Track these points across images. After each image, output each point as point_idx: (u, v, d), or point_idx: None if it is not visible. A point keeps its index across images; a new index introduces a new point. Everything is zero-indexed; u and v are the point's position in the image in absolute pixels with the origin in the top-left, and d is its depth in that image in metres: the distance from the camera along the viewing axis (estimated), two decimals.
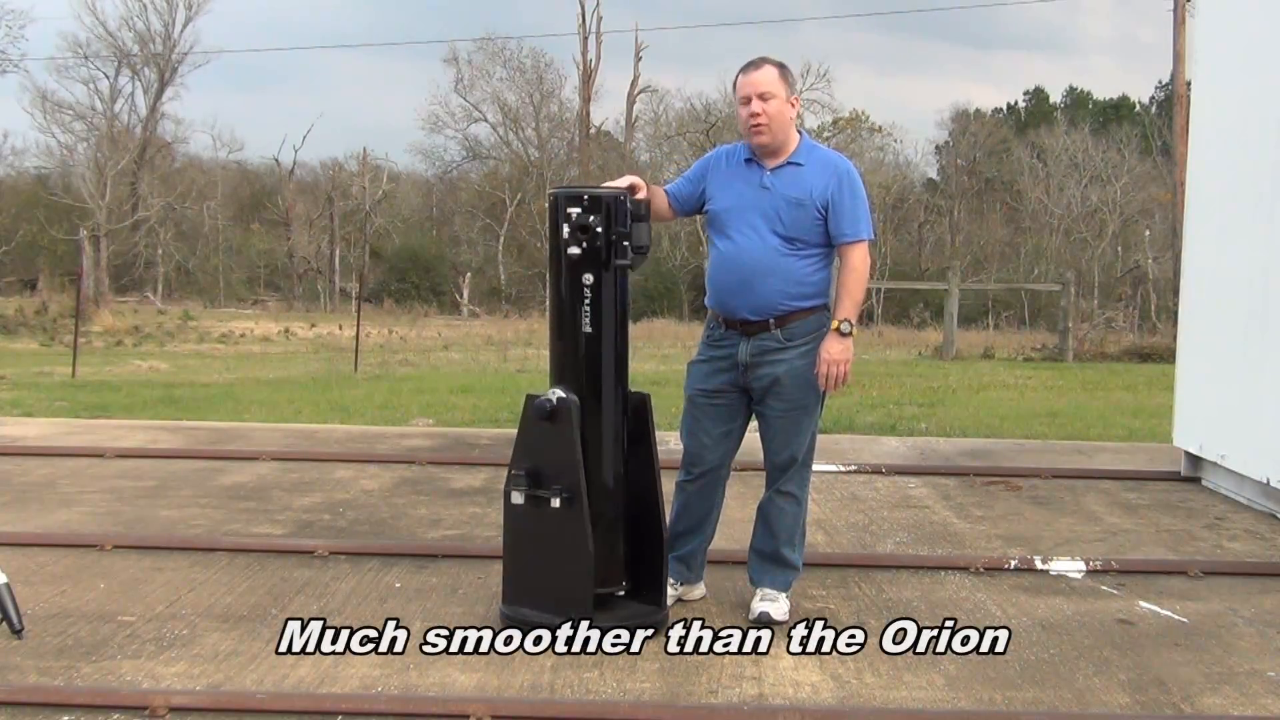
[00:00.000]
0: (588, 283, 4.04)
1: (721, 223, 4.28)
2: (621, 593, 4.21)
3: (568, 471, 4.02)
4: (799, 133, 4.32)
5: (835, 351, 4.17)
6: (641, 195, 4.16)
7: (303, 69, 76.77)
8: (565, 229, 4.03)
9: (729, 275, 4.24)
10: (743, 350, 4.25)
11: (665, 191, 4.42)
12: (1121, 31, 73.16)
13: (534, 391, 4.23)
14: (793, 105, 4.24)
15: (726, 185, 4.30)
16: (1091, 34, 72.41)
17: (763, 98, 4.16)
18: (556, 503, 4.02)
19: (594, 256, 4.03)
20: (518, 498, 4.10)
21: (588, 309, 4.05)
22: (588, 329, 4.06)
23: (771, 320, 4.22)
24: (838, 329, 4.17)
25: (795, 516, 4.39)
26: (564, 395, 4.06)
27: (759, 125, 4.18)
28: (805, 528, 4.49)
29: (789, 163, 4.24)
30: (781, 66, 4.24)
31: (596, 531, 4.04)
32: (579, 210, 4.01)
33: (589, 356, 4.09)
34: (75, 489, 6.37)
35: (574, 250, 4.02)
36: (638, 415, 4.23)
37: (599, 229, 4.02)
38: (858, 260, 4.22)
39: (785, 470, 4.35)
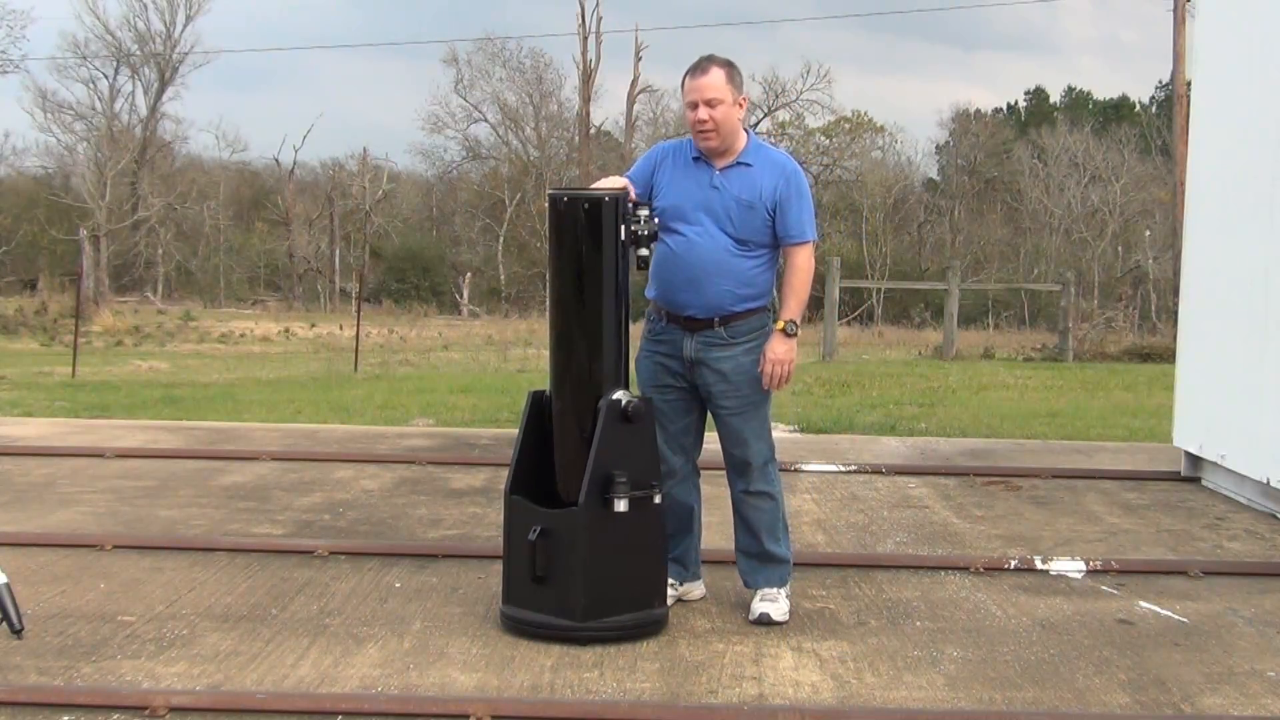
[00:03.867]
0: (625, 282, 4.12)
1: (670, 220, 4.26)
2: None
3: (654, 467, 4.11)
4: (746, 132, 4.33)
5: (780, 351, 4.21)
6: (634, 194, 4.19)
7: (303, 69, 76.81)
8: (624, 230, 4.04)
9: (678, 273, 4.25)
10: (687, 346, 4.28)
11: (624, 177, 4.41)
12: (1105, 32, 73.59)
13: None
14: (740, 106, 4.24)
15: (674, 183, 4.29)
16: (1075, 35, 72.94)
17: (710, 104, 4.17)
18: (658, 499, 4.10)
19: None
20: (623, 505, 4.02)
21: (627, 310, 4.13)
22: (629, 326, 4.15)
23: (716, 319, 4.24)
24: (783, 329, 4.20)
25: (773, 512, 4.39)
26: (630, 395, 4.10)
27: (706, 132, 4.19)
28: (786, 519, 4.47)
29: (738, 163, 4.26)
30: (729, 67, 4.23)
31: None
32: (647, 213, 4.09)
33: (628, 354, 4.17)
34: (75, 489, 6.37)
35: (644, 252, 4.09)
36: None
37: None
38: (803, 261, 4.26)
39: (745, 467, 4.34)
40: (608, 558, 4.04)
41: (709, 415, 4.44)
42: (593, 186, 4.20)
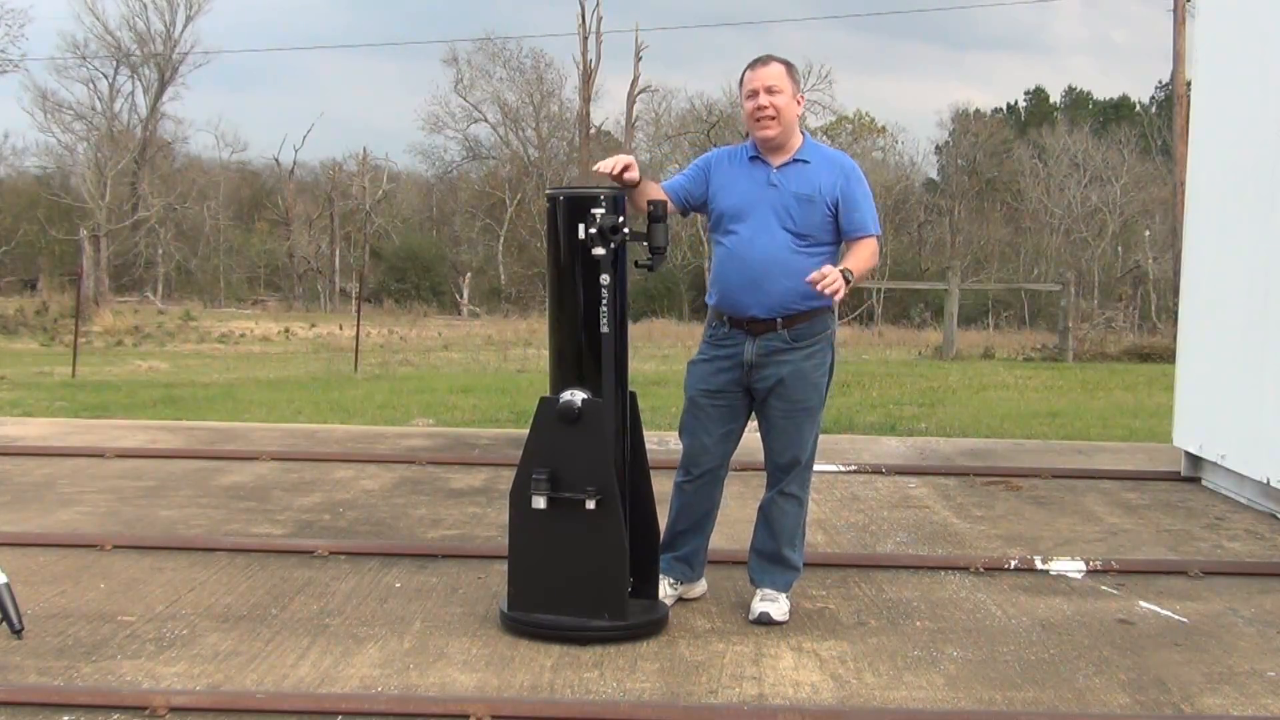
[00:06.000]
0: (605, 283, 4.01)
1: (729, 220, 4.26)
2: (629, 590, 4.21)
3: (599, 472, 4.00)
4: (802, 133, 4.33)
5: (836, 272, 4.00)
6: (632, 175, 4.09)
7: (302, 69, 76.88)
8: (582, 229, 3.97)
9: (739, 272, 4.22)
10: (748, 350, 4.25)
11: (662, 188, 4.35)
12: (1096, 32, 73.93)
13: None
14: (799, 103, 4.25)
15: (732, 183, 4.29)
16: (1066, 35, 73.36)
17: (770, 91, 4.18)
18: (592, 505, 3.98)
19: (615, 256, 4.03)
20: (540, 502, 4.01)
21: (605, 309, 4.04)
22: (605, 329, 4.05)
23: (779, 320, 4.21)
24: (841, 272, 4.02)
25: (797, 517, 4.39)
26: (586, 396, 4.04)
27: (766, 117, 4.18)
28: (805, 527, 4.49)
29: (795, 160, 4.25)
30: (788, 64, 4.26)
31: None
32: (604, 211, 3.98)
33: (606, 356, 4.07)
34: (75, 489, 6.37)
35: (599, 251, 3.97)
36: (630, 413, 4.24)
37: (626, 230, 4.02)
38: (869, 245, 4.23)
39: (787, 471, 4.34)
40: (531, 553, 4.06)
41: (744, 420, 4.41)
42: (596, 167, 4.14)
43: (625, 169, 4.08)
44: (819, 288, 3.96)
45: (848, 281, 4.01)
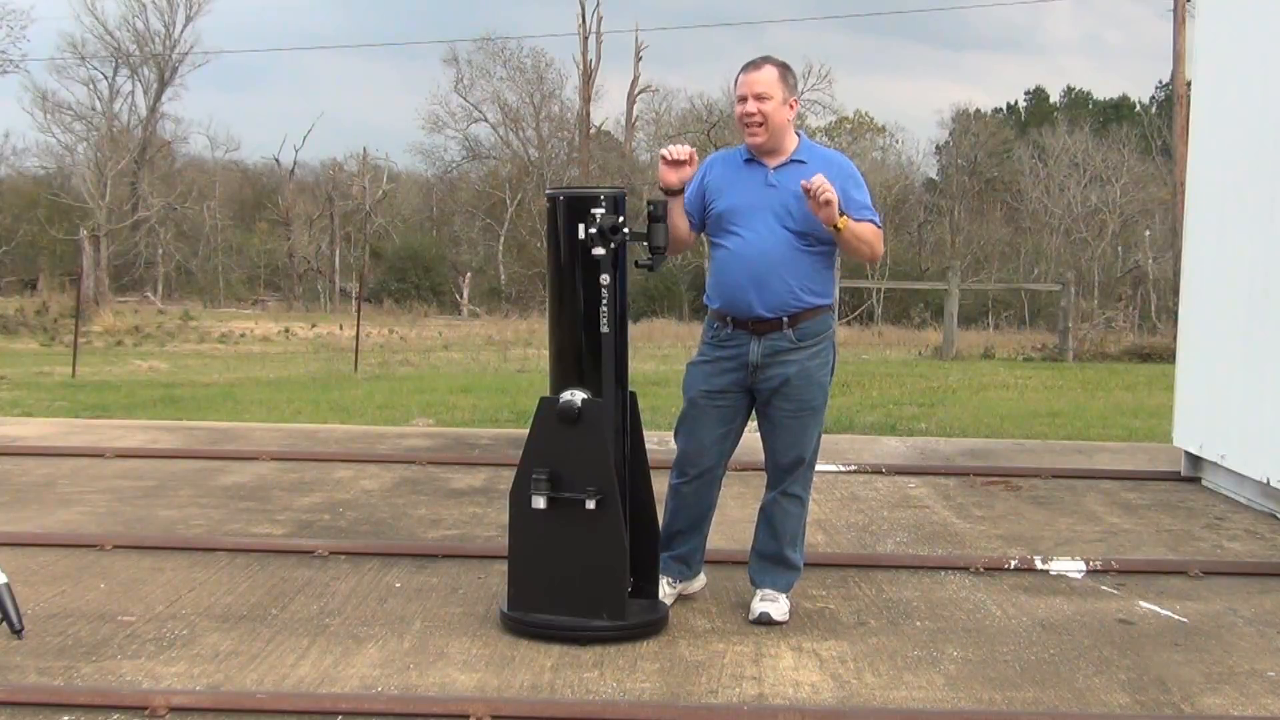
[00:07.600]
0: (605, 283, 4.01)
1: (728, 221, 4.26)
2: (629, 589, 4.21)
3: (599, 472, 4.00)
4: (798, 134, 4.33)
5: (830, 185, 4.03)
6: (692, 168, 4.20)
7: (302, 70, 76.76)
8: (582, 229, 3.97)
9: (741, 273, 4.22)
10: (754, 351, 4.24)
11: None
12: (1088, 32, 74.10)
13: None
14: (791, 107, 4.25)
15: (729, 186, 4.29)
16: (1059, 35, 73.61)
17: (759, 98, 4.18)
18: (591, 504, 3.98)
19: (615, 256, 4.03)
20: (540, 502, 4.02)
21: (605, 309, 4.03)
22: (605, 329, 4.05)
23: (785, 319, 4.21)
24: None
25: (799, 518, 4.40)
26: (586, 396, 4.04)
27: (753, 125, 4.20)
28: (805, 527, 4.49)
29: (792, 160, 4.26)
30: (783, 67, 4.25)
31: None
32: (604, 211, 3.98)
33: (606, 356, 4.06)
34: (75, 489, 6.37)
35: (599, 251, 3.97)
36: (630, 413, 4.24)
37: (626, 230, 4.02)
38: (872, 226, 4.24)
39: (790, 471, 4.34)
40: (531, 553, 4.06)
41: (743, 421, 4.41)
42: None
43: (689, 161, 4.19)
44: (812, 191, 3.97)
45: (841, 214, 4.03)
